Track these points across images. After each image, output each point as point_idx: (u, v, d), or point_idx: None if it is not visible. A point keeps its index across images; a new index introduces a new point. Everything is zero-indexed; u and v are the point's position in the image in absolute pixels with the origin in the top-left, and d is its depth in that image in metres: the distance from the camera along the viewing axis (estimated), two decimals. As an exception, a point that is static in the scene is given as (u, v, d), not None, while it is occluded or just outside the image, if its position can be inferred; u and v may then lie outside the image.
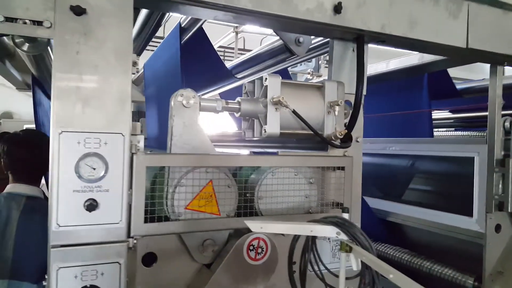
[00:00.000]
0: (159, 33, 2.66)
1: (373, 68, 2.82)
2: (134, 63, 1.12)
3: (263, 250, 1.33)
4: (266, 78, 1.35)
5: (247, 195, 1.41)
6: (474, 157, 2.10)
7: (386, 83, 2.91)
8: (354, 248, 0.98)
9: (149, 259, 1.27)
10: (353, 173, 1.59)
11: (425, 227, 2.44)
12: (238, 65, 2.43)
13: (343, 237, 1.02)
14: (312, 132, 1.39)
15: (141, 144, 1.24)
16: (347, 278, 1.03)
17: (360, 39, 1.55)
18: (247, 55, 2.32)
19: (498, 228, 2.05)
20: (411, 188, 2.60)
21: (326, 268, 1.15)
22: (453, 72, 2.92)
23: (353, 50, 1.60)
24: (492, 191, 1.99)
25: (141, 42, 2.29)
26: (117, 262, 1.09)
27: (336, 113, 1.43)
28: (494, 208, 1.99)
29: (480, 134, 3.11)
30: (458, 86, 3.20)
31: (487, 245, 2.02)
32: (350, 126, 1.54)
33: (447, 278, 2.22)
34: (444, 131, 4.69)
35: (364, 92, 1.62)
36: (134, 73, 1.14)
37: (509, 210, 1.95)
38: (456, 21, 1.68)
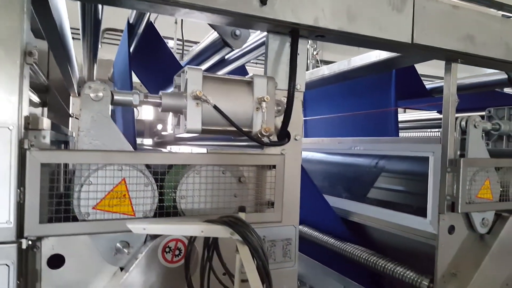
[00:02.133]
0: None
1: (336, 66, 2.77)
2: (30, 53, 1.05)
3: (180, 252, 1.26)
4: (186, 71, 1.29)
5: (171, 194, 1.35)
6: (429, 157, 2.04)
7: (355, 82, 2.86)
8: (241, 250, 0.92)
9: (57, 261, 1.20)
10: (289, 172, 1.53)
11: (384, 227, 2.39)
12: (190, 61, 2.36)
13: (238, 237, 0.96)
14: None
15: (46, 140, 1.18)
16: (243, 281, 0.96)
17: (294, 33, 1.48)
18: (194, 50, 2.26)
19: (451, 229, 1.99)
20: (374, 188, 2.55)
21: (227, 272, 1.08)
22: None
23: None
24: (445, 192, 1.93)
25: (89, 37, 2.22)
26: (5, 264, 1.02)
27: (264, 109, 1.37)
28: (446, 209, 1.94)
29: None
30: (427, 85, 3.16)
31: (440, 247, 1.96)
32: (284, 123, 1.47)
33: (404, 278, 2.16)
34: (437, 131, 4.66)
35: (301, 88, 1.56)
36: (31, 64, 1.07)
37: (459, 211, 1.89)
38: (400, 15, 1.62)
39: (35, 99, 1.74)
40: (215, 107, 1.28)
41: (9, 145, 1.02)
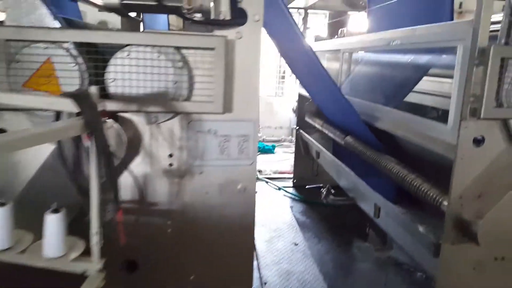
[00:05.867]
0: None
1: None
2: None
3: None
4: None
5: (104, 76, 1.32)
6: (456, 46, 1.57)
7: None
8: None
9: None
10: (245, 60, 1.34)
11: (406, 136, 2.04)
12: None
13: (79, 111, 0.91)
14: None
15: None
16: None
17: None
18: None
19: (479, 140, 1.59)
20: (402, 90, 2.13)
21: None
22: None
23: None
24: (470, 91, 1.51)
25: None
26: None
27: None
28: (469, 113, 1.53)
29: None
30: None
31: (458, 160, 1.60)
32: (234, -2, 1.25)
33: (424, 195, 1.87)
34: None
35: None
36: None
37: (482, 116, 1.48)
38: None
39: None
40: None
41: None
